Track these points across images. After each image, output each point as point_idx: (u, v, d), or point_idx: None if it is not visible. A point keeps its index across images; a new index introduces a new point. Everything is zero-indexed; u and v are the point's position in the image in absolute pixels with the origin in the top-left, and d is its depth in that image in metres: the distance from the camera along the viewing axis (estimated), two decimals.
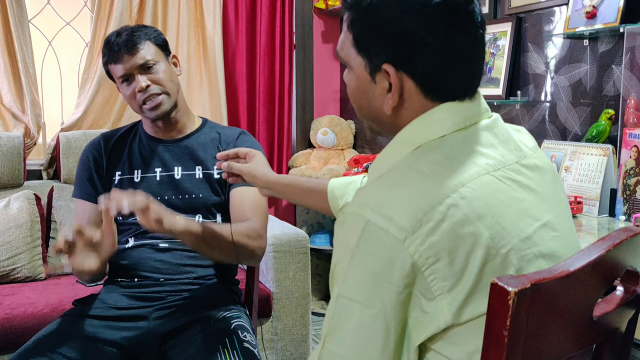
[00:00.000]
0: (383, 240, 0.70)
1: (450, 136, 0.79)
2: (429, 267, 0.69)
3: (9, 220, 2.32)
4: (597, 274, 0.72)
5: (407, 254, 0.69)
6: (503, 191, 0.74)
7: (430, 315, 0.71)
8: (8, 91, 2.68)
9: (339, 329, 0.73)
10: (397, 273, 0.69)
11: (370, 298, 0.71)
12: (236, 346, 1.39)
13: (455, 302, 0.69)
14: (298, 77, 3.36)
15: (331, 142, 3.26)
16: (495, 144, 0.79)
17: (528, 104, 2.33)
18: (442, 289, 0.69)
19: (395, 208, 0.70)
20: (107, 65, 1.59)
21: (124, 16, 2.82)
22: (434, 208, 0.70)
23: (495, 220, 0.71)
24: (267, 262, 2.37)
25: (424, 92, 0.80)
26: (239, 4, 3.11)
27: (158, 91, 1.56)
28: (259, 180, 1.29)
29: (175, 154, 1.64)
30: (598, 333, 0.77)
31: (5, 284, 2.28)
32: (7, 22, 2.64)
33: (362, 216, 0.72)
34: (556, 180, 0.87)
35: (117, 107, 2.89)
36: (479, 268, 0.69)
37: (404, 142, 0.81)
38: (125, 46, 1.53)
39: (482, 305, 0.69)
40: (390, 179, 0.75)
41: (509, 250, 0.71)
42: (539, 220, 0.76)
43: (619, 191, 1.86)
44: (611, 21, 1.92)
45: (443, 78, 0.79)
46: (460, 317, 0.70)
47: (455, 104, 0.80)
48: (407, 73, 0.79)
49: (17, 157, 2.54)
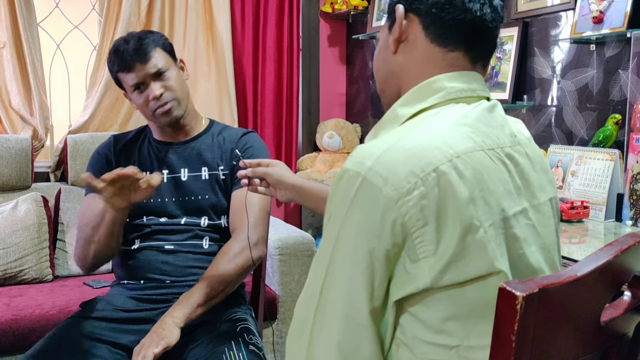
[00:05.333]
0: (377, 198, 0.73)
1: (449, 108, 0.82)
2: (417, 230, 0.72)
3: (16, 222, 2.33)
4: (604, 279, 0.73)
5: (399, 214, 0.72)
6: (493, 169, 0.77)
7: (411, 275, 0.74)
8: (17, 94, 2.69)
9: (334, 280, 0.76)
10: (387, 231, 0.73)
11: (360, 252, 0.74)
12: (242, 348, 1.39)
13: (436, 266, 0.72)
14: (304, 81, 3.37)
15: (337, 145, 3.26)
16: (492, 125, 0.82)
17: (534, 109, 2.33)
18: (426, 252, 0.72)
19: (391, 168, 0.73)
20: (117, 73, 1.58)
21: (132, 19, 2.84)
22: (428, 173, 0.72)
23: (482, 194, 0.74)
24: (273, 265, 2.37)
25: (425, 29, 0.85)
26: (245, 7, 3.12)
27: (170, 98, 1.57)
28: (285, 183, 1.27)
29: (182, 156, 1.65)
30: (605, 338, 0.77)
31: (13, 285, 2.30)
32: (16, 26, 2.66)
33: (358, 173, 0.74)
34: (545, 173, 0.89)
35: (124, 109, 2.90)
36: (460, 237, 0.72)
37: (402, 106, 0.85)
38: (137, 54, 1.53)
39: (462, 273, 0.72)
40: (390, 140, 0.77)
41: (490, 225, 0.74)
42: (518, 206, 0.79)
43: (625, 196, 1.86)
44: (618, 26, 1.92)
45: (444, 16, 0.83)
46: (439, 282, 0.73)
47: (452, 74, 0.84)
48: (414, 12, 0.85)
49: (25, 159, 2.56)
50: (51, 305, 2.10)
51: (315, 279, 0.78)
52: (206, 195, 1.62)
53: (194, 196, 1.62)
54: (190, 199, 1.62)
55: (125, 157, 1.66)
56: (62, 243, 2.49)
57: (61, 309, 2.08)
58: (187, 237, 1.60)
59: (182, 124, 1.65)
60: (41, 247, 2.36)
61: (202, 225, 1.62)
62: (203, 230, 1.62)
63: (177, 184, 1.63)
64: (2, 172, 2.51)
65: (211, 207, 1.63)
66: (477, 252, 0.72)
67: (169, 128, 1.64)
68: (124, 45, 1.55)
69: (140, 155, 1.66)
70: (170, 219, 1.61)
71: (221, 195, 1.64)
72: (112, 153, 1.66)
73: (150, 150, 1.67)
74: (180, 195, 1.62)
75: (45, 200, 2.46)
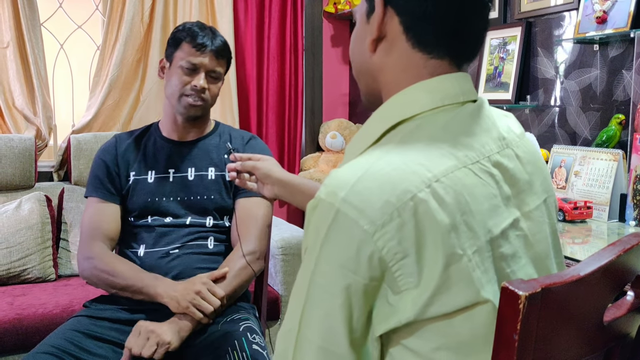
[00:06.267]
0: (352, 232, 0.69)
1: (429, 119, 0.76)
2: (396, 263, 0.68)
3: (20, 221, 2.34)
4: (607, 279, 0.72)
5: (375, 248, 0.68)
6: (477, 186, 0.72)
7: (394, 308, 0.70)
8: (20, 93, 2.70)
9: (311, 315, 0.73)
10: (363, 266, 0.69)
11: (337, 288, 0.70)
12: (245, 348, 1.39)
13: (419, 299, 0.69)
14: (307, 81, 3.37)
15: (340, 145, 3.26)
16: (477, 132, 0.77)
17: (537, 109, 2.33)
18: (408, 285, 0.69)
19: (366, 198, 0.69)
20: (182, 43, 1.60)
21: (135, 19, 2.84)
22: (405, 202, 0.68)
23: (464, 219, 0.70)
24: (276, 265, 2.38)
25: (406, 32, 0.77)
26: (249, 8, 3.13)
27: (206, 98, 1.62)
28: (272, 178, 1.26)
29: (189, 155, 1.66)
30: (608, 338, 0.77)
31: (16, 284, 2.30)
32: (19, 26, 2.67)
33: (332, 205, 0.70)
34: (538, 172, 0.84)
35: (127, 109, 2.91)
36: (443, 267, 0.68)
37: (380, 119, 0.79)
38: (219, 49, 1.61)
39: (447, 305, 0.69)
40: (364, 165, 0.72)
41: (474, 252, 0.70)
42: (508, 219, 0.75)
43: (629, 196, 1.85)
44: (622, 26, 1.91)
45: (426, 21, 0.76)
46: (424, 314, 0.69)
47: (432, 81, 0.78)
48: (393, 8, 0.77)
49: (28, 158, 2.56)
50: (54, 305, 2.10)
51: (294, 312, 0.75)
52: (212, 196, 1.63)
53: (200, 196, 1.62)
54: (196, 199, 1.62)
55: (130, 156, 1.67)
56: (66, 242, 2.50)
57: (64, 308, 2.09)
58: (192, 237, 1.60)
59: (194, 124, 1.67)
60: (44, 246, 2.37)
61: (207, 226, 1.62)
62: (208, 230, 1.62)
63: (184, 183, 1.63)
64: (6, 172, 2.51)
65: (216, 208, 1.63)
66: (461, 282, 0.69)
67: (182, 122, 1.65)
68: (211, 31, 1.62)
69: (144, 154, 1.67)
70: (175, 219, 1.61)
71: (226, 196, 1.64)
72: (115, 154, 1.66)
73: (156, 149, 1.67)
74: (186, 194, 1.62)
75: (48, 199, 2.47)
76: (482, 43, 0.81)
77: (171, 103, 1.64)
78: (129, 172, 1.64)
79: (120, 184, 1.63)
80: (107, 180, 1.63)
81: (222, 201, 1.64)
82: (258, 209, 1.62)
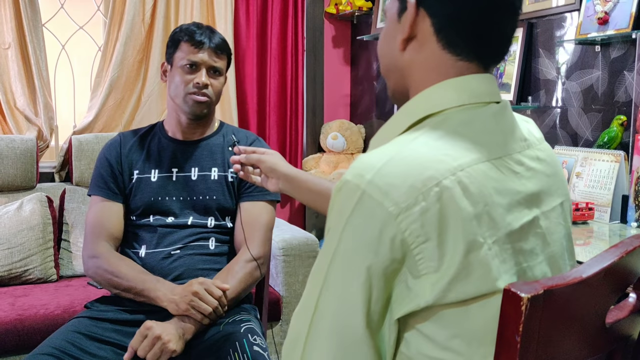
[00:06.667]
0: (376, 213, 0.70)
1: (455, 115, 0.78)
2: (417, 246, 0.70)
3: (21, 222, 2.34)
4: (609, 281, 0.72)
5: (398, 230, 0.69)
6: (499, 181, 0.74)
7: (413, 292, 0.71)
8: (22, 94, 2.70)
9: (329, 295, 0.74)
10: (386, 247, 0.70)
11: (358, 268, 0.72)
12: (246, 349, 1.39)
13: (439, 284, 0.70)
14: (308, 82, 3.37)
15: (341, 146, 3.26)
16: (500, 132, 0.79)
17: (539, 110, 2.33)
18: (428, 269, 0.70)
19: (392, 182, 0.71)
20: (180, 43, 1.62)
21: (136, 20, 2.85)
22: (430, 188, 0.70)
23: (486, 209, 0.71)
24: (277, 266, 2.38)
25: (437, 34, 0.79)
26: (250, 8, 3.13)
27: (209, 94, 1.62)
28: (277, 172, 1.25)
29: (192, 155, 1.66)
30: (610, 340, 0.77)
31: (18, 285, 2.30)
32: (21, 26, 2.67)
33: (357, 186, 0.72)
34: (556, 175, 0.86)
35: (128, 110, 2.91)
36: (464, 254, 0.69)
37: (407, 113, 0.81)
38: (217, 44, 1.62)
39: (466, 291, 0.70)
40: (391, 151, 0.74)
41: (494, 242, 0.71)
42: (527, 216, 0.76)
43: (630, 197, 1.85)
44: (623, 27, 1.91)
45: (457, 24, 0.78)
46: (442, 300, 0.70)
47: (459, 79, 0.80)
48: (425, 10, 0.79)
49: (30, 159, 2.56)
50: (56, 305, 2.10)
51: (312, 291, 0.76)
52: (214, 196, 1.63)
53: (202, 196, 1.63)
54: (199, 199, 1.62)
55: (134, 154, 1.67)
56: (67, 243, 2.50)
57: (66, 309, 2.09)
58: (194, 238, 1.60)
59: (199, 123, 1.67)
60: (46, 247, 2.37)
61: (209, 226, 1.62)
62: (210, 231, 1.62)
63: (187, 182, 1.64)
64: (7, 173, 2.52)
65: (218, 208, 1.63)
66: (480, 270, 0.70)
67: (187, 121, 1.65)
68: (205, 28, 1.64)
69: (148, 152, 1.67)
70: (177, 219, 1.61)
71: (229, 197, 1.64)
72: (118, 152, 1.67)
73: (160, 148, 1.68)
74: (188, 194, 1.63)
75: (50, 200, 2.47)
76: (509, 46, 0.83)
77: (176, 103, 1.64)
78: (132, 171, 1.64)
79: (123, 183, 1.64)
80: (110, 179, 1.64)
81: (225, 202, 1.64)
82: (264, 214, 1.64)
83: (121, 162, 1.65)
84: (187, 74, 1.60)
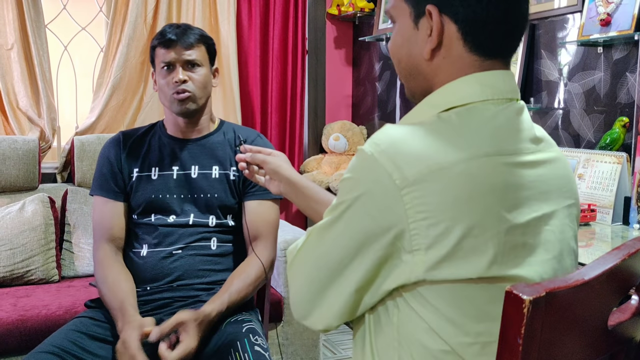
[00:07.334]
0: (384, 183, 0.73)
1: (479, 108, 0.80)
2: (415, 222, 0.72)
3: (23, 222, 2.34)
4: (612, 283, 0.72)
5: (401, 203, 0.72)
6: (509, 176, 0.76)
7: (405, 264, 0.74)
8: (24, 95, 2.71)
9: (325, 244, 0.81)
10: (387, 216, 0.74)
11: (359, 231, 0.76)
12: (247, 349, 1.39)
13: (429, 261, 0.73)
14: (310, 83, 3.37)
15: (343, 147, 3.26)
16: (519, 129, 0.81)
17: (541, 111, 2.33)
18: (419, 246, 0.73)
19: (404, 156, 0.73)
20: (156, 47, 1.63)
21: (139, 21, 2.85)
22: (440, 170, 0.72)
23: (491, 202, 0.73)
24: (278, 267, 2.37)
25: (464, 38, 0.80)
26: (252, 9, 3.13)
27: (190, 90, 1.61)
28: (280, 175, 1.26)
29: (193, 153, 1.66)
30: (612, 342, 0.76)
31: (20, 285, 2.31)
32: (24, 27, 2.68)
33: (372, 155, 0.75)
34: (566, 176, 0.87)
35: (131, 111, 2.92)
36: (459, 238, 0.72)
37: (430, 104, 0.83)
38: (182, 37, 1.60)
39: (455, 271, 0.72)
40: (410, 129, 0.77)
41: (492, 235, 0.73)
42: (535, 212, 0.77)
43: (632, 199, 1.85)
44: (626, 29, 1.91)
45: (485, 26, 0.80)
46: (432, 276, 0.73)
47: (484, 75, 0.81)
48: (450, 16, 0.80)
49: (32, 160, 2.57)
50: (57, 306, 2.10)
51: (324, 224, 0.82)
52: (215, 194, 1.63)
53: (203, 193, 1.63)
54: (200, 197, 1.62)
55: (134, 152, 1.67)
56: (69, 244, 2.50)
57: (67, 310, 2.09)
58: (195, 238, 1.60)
59: (195, 120, 1.67)
60: (48, 247, 2.37)
61: (210, 225, 1.62)
62: (211, 230, 1.62)
63: (187, 180, 1.64)
64: (10, 173, 2.52)
65: (219, 206, 1.63)
66: (474, 256, 0.72)
67: (182, 121, 1.65)
68: (175, 27, 1.63)
69: (149, 151, 1.67)
70: (178, 218, 1.61)
71: (230, 195, 1.64)
72: (119, 151, 1.67)
73: (161, 146, 1.68)
74: (189, 192, 1.63)
75: (52, 201, 2.47)
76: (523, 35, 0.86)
77: (167, 107, 1.66)
78: (132, 169, 1.65)
79: (123, 181, 1.64)
80: (111, 177, 1.64)
81: (227, 199, 1.64)
82: (271, 214, 1.66)
83: (121, 161, 1.65)
84: (167, 74, 1.61)
